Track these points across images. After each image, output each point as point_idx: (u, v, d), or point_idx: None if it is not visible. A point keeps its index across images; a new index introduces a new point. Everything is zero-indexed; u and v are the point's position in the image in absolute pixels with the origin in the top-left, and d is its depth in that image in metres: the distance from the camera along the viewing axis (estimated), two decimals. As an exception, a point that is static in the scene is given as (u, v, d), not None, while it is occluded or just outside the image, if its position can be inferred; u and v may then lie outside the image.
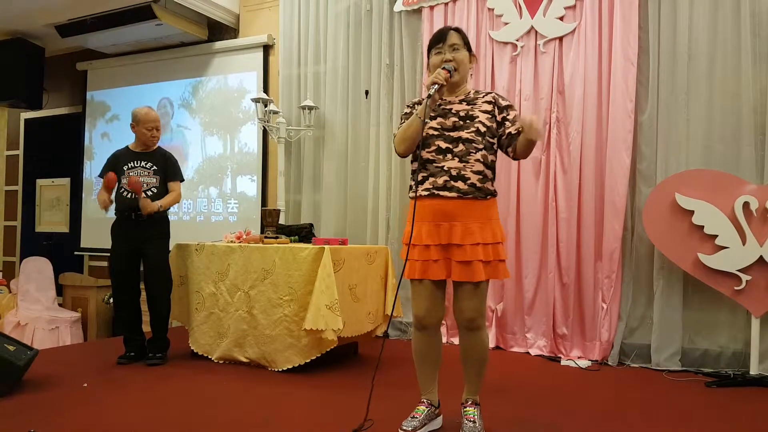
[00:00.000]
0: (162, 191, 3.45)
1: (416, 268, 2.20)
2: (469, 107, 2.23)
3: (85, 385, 2.89)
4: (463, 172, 2.15)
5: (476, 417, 2.23)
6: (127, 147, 3.54)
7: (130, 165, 3.42)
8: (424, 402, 2.30)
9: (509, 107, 2.24)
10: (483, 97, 2.26)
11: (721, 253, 3.30)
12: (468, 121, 2.19)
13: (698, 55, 3.52)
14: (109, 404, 2.60)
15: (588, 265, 3.71)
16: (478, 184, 2.16)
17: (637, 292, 3.66)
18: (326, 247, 3.16)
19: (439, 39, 2.24)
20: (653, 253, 3.58)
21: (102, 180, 3.38)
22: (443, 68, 2.16)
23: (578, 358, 3.65)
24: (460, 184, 2.15)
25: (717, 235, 3.30)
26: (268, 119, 4.69)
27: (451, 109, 2.23)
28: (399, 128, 2.27)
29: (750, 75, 3.38)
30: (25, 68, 5.81)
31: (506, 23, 4.01)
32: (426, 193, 2.19)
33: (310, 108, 4.61)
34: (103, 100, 5.99)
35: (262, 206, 4.96)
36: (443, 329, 3.88)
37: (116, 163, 3.45)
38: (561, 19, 3.85)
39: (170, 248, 3.55)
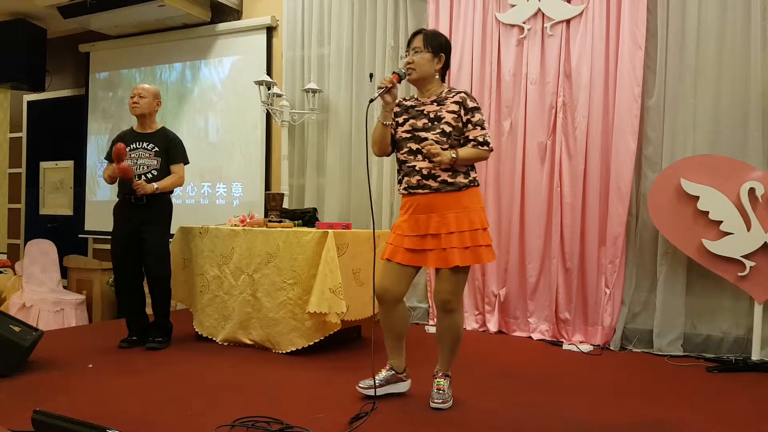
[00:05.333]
0: (163, 174, 3.39)
1: (387, 251, 2.41)
2: (438, 108, 2.36)
3: (90, 366, 2.92)
4: (433, 171, 2.31)
5: (445, 387, 2.39)
6: (131, 128, 3.53)
7: (132, 146, 3.40)
8: (386, 366, 2.52)
9: (475, 110, 2.35)
10: (453, 96, 2.36)
11: (725, 239, 3.29)
12: (435, 123, 2.33)
13: (707, 39, 3.48)
14: (114, 385, 2.63)
15: (592, 251, 3.71)
16: (449, 180, 2.31)
17: (641, 277, 3.66)
18: (330, 231, 3.16)
19: (408, 43, 2.43)
20: (657, 238, 3.57)
21: (107, 163, 3.41)
22: (393, 72, 2.35)
23: (580, 342, 3.66)
24: (431, 183, 2.31)
25: (722, 221, 3.29)
26: (272, 102, 4.67)
27: (423, 110, 2.38)
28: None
29: (759, 59, 3.35)
30: (28, 50, 5.78)
31: (513, 5, 3.96)
32: (405, 191, 2.39)
33: (314, 91, 4.59)
34: (106, 82, 5.96)
35: (265, 190, 4.96)
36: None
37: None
38: (568, 1, 3.81)
39: (171, 232, 3.50)
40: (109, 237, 3.49)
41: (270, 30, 5.06)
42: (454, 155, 2.25)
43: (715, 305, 3.48)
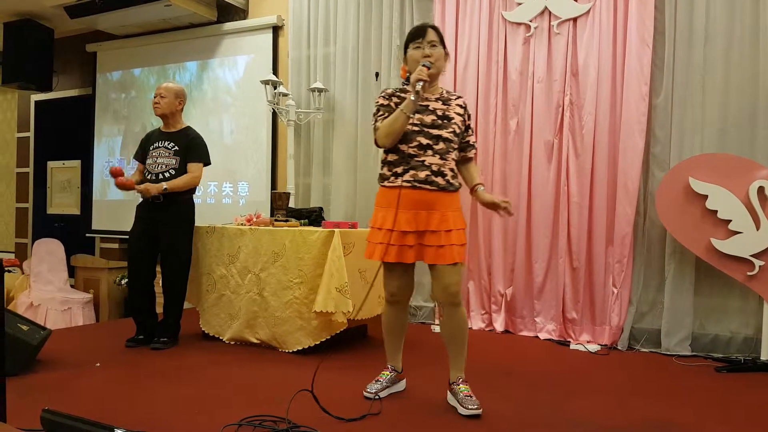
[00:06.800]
0: (181, 173, 3.39)
1: (392, 253, 2.35)
2: (445, 107, 2.39)
3: (98, 364, 2.93)
4: (442, 169, 2.33)
5: (471, 392, 2.35)
6: (158, 128, 3.56)
7: (155, 145, 3.44)
8: (388, 368, 2.55)
9: (470, 117, 2.50)
10: (455, 99, 2.43)
11: (734, 238, 3.26)
12: (446, 121, 2.36)
13: (715, 36, 3.46)
14: (122, 384, 2.63)
15: (599, 250, 3.69)
16: (452, 180, 2.37)
17: (648, 276, 3.64)
18: (336, 230, 3.16)
19: (418, 34, 2.36)
20: (665, 237, 3.55)
21: (137, 161, 3.56)
22: (423, 65, 2.26)
23: (587, 342, 3.65)
24: (439, 180, 2.33)
25: (730, 220, 3.27)
26: (278, 101, 4.67)
27: (428, 106, 2.37)
28: (380, 121, 2.36)
29: (768, 57, 3.32)
30: (35, 50, 5.81)
31: (519, 3, 3.94)
32: (407, 184, 2.33)
33: (320, 90, 4.58)
34: (113, 83, 5.98)
35: (271, 189, 4.97)
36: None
37: (146, 143, 3.51)
38: (575, -1, 3.79)
39: (191, 233, 3.51)
40: (116, 236, 3.51)
41: (276, 29, 5.06)
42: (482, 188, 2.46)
43: (723, 305, 3.45)
